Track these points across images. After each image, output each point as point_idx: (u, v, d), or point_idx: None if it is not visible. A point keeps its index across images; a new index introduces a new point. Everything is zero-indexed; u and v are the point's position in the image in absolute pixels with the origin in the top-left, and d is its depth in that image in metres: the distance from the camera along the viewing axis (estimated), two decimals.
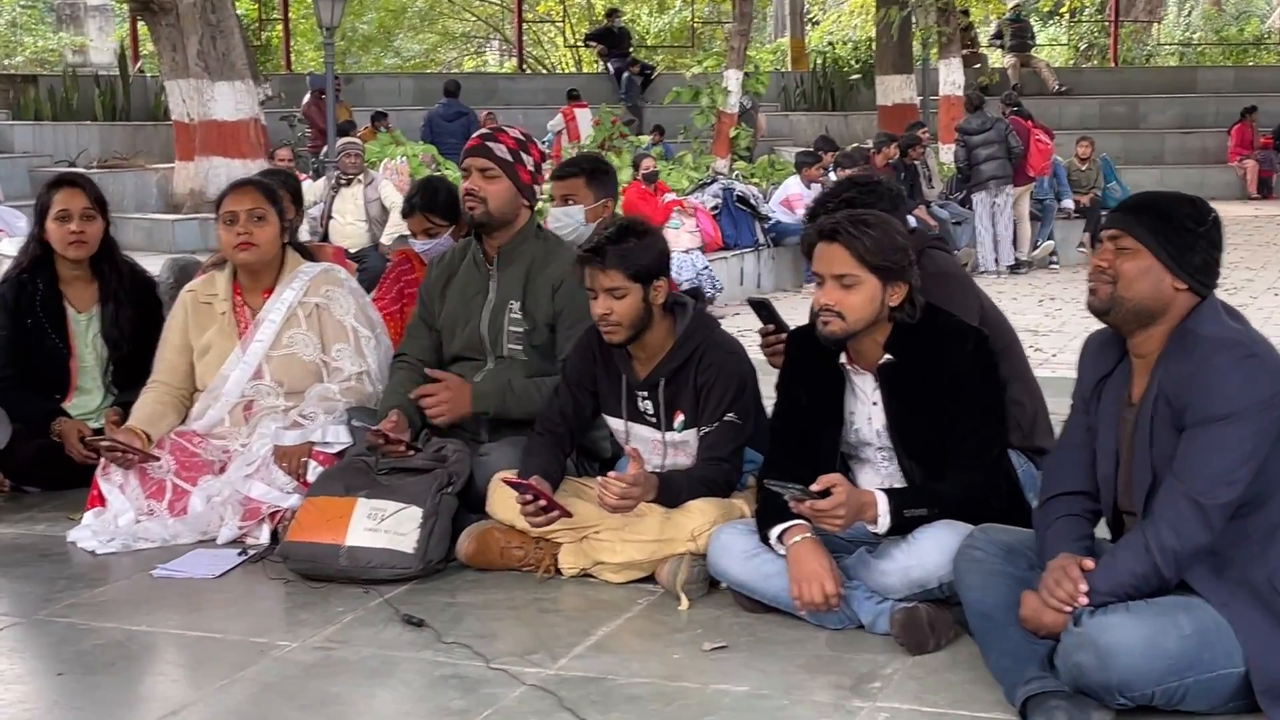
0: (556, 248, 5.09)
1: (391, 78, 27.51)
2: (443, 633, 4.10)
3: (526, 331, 4.98)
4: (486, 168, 4.96)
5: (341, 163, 13.68)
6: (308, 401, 5.14)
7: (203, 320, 5.32)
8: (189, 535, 4.94)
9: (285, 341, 5.24)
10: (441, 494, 4.65)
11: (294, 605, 4.41)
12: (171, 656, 4.12)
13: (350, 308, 5.31)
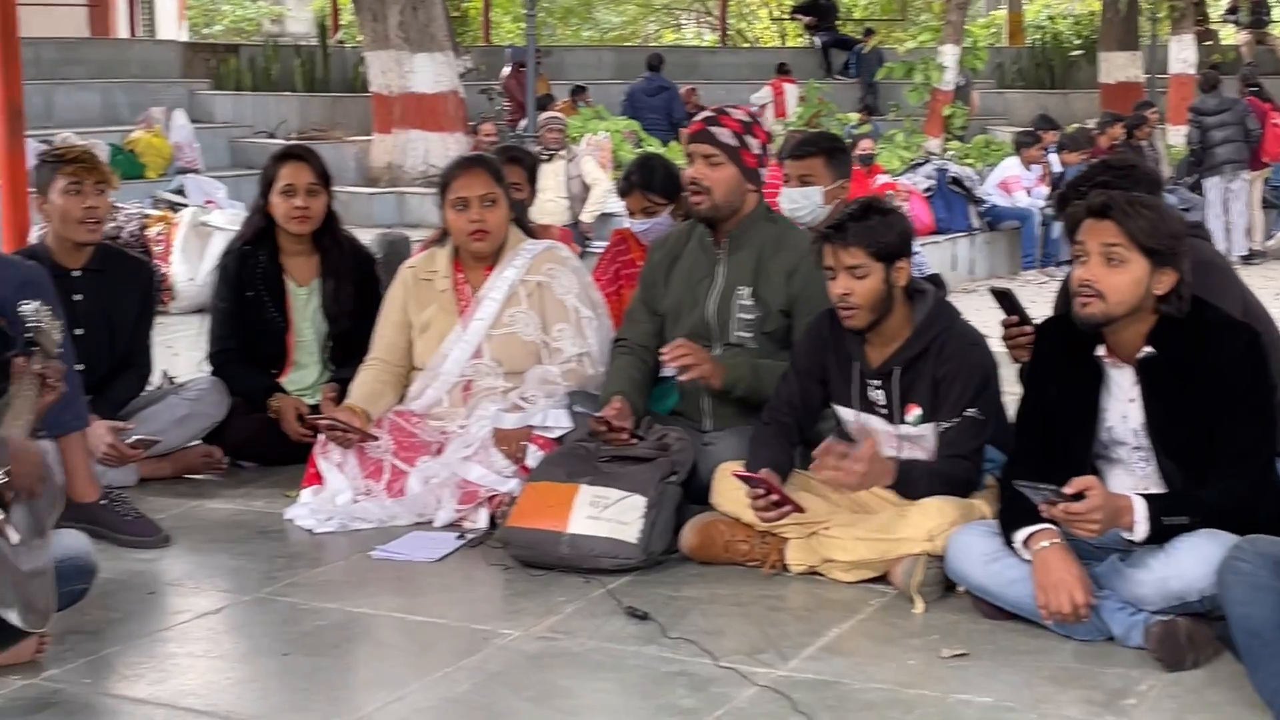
0: (788, 231, 5.06)
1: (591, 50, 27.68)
2: (668, 627, 4.09)
3: (758, 318, 4.96)
4: (710, 154, 4.94)
5: (543, 138, 13.82)
6: (528, 384, 5.19)
7: (423, 297, 5.39)
8: (406, 517, 5.01)
9: (506, 320, 5.28)
10: (665, 483, 4.65)
11: (514, 593, 4.45)
12: (394, 640, 4.18)
13: (573, 287, 5.33)
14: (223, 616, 4.32)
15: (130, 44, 21.44)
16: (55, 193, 5.32)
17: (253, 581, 4.56)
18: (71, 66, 19.11)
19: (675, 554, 4.63)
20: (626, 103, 20.01)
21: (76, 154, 5.42)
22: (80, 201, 5.32)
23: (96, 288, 5.47)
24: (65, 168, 5.32)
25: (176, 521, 5.05)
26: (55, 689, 3.72)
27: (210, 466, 5.64)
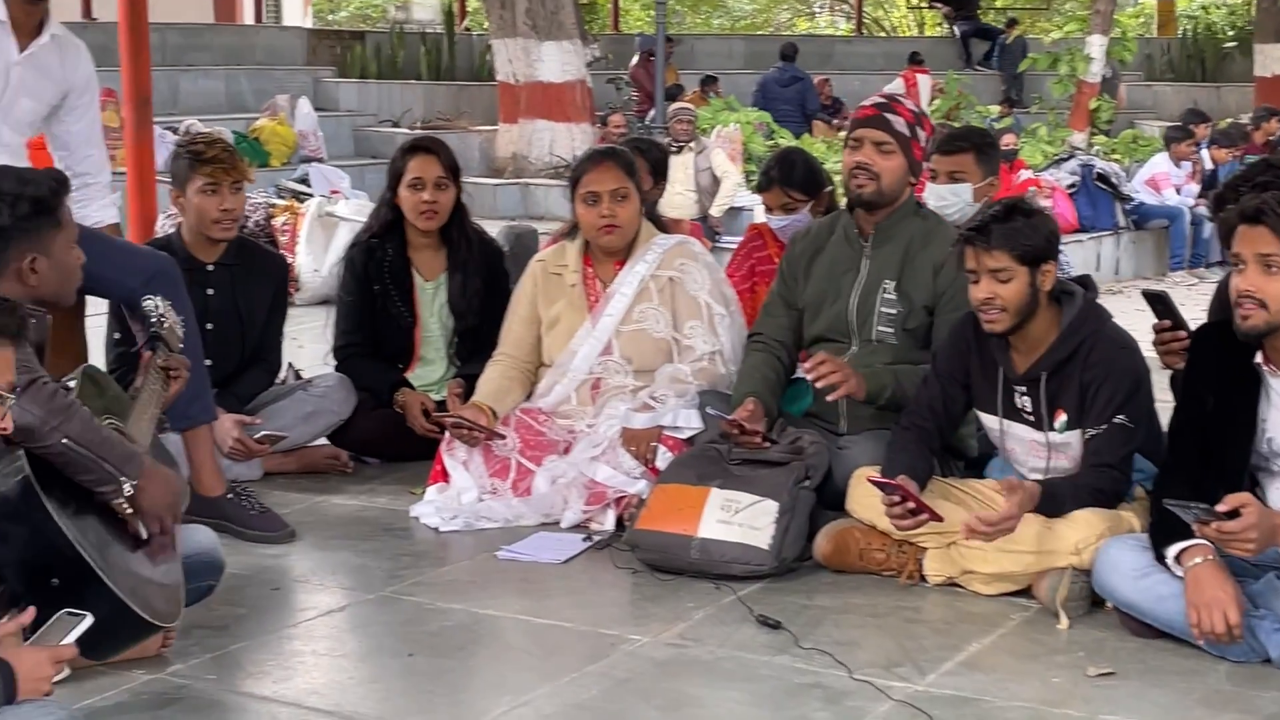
0: (937, 226, 5.03)
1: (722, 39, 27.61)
2: (800, 637, 4.07)
3: (901, 314, 4.93)
4: (883, 141, 4.91)
5: (673, 129, 13.81)
6: (658, 383, 5.19)
7: (552, 292, 5.42)
8: (532, 517, 5.03)
9: (636, 316, 5.29)
10: (799, 488, 4.62)
11: (642, 597, 4.45)
12: (520, 643, 4.19)
13: (705, 283, 5.32)
14: (347, 614, 4.37)
15: (255, 30, 21.75)
16: (192, 190, 5.39)
17: (377, 580, 4.60)
18: (197, 53, 19.40)
19: (808, 561, 4.60)
20: (758, 93, 19.92)
21: (215, 152, 5.46)
22: (217, 202, 5.40)
23: (229, 282, 5.56)
24: (203, 167, 5.37)
25: (301, 517, 5.12)
26: (180, 684, 3.78)
27: (335, 468, 5.70)
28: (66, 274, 3.90)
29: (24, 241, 3.77)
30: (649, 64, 19.50)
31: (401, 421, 5.57)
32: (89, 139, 5.15)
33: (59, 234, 3.84)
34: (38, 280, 3.79)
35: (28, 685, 2.93)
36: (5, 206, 3.74)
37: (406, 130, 17.60)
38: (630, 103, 19.52)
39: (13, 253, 3.76)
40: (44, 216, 3.80)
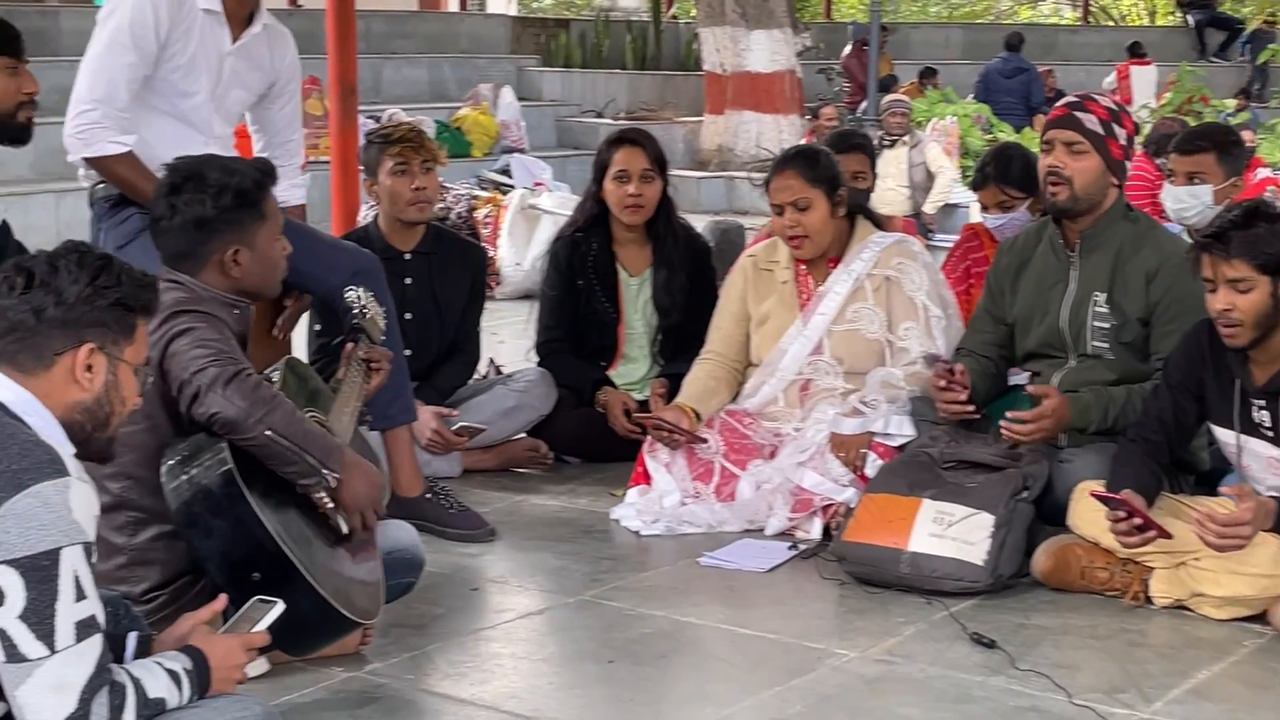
0: (1149, 230, 4.94)
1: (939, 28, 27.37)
2: (1016, 657, 4.01)
3: (1114, 327, 4.84)
4: (1074, 141, 4.81)
5: (886, 122, 13.76)
6: (869, 387, 5.16)
7: (762, 289, 5.42)
8: (735, 523, 5.03)
9: (849, 316, 5.27)
10: (1016, 501, 4.56)
11: (850, 610, 4.43)
12: (722, 653, 4.19)
13: (923, 283, 5.28)
14: (546, 618, 4.42)
15: (460, 18, 22.07)
16: (383, 173, 5.52)
17: (577, 583, 4.64)
18: (400, 41, 19.79)
19: (1025, 578, 4.55)
20: (979, 85, 19.70)
21: (402, 133, 5.60)
22: (408, 182, 5.51)
23: (427, 271, 5.67)
24: (391, 148, 5.50)
25: (500, 516, 5.18)
26: (379, 684, 3.85)
27: (535, 460, 5.77)
28: (270, 266, 3.95)
29: (227, 233, 3.83)
30: (862, 53, 19.41)
31: (603, 421, 5.63)
32: (290, 123, 5.27)
33: (263, 225, 3.90)
34: (240, 272, 3.85)
35: (220, 673, 2.99)
36: (209, 197, 3.81)
37: (610, 121, 17.76)
38: (842, 94, 19.46)
39: (215, 244, 3.82)
40: (248, 208, 3.86)
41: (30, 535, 2.71)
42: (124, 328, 2.96)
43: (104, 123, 4.69)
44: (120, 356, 2.95)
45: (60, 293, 2.89)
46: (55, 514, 2.74)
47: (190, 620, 3.12)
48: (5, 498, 2.71)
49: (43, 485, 2.74)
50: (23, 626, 2.71)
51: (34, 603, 2.72)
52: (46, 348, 2.88)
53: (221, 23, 4.86)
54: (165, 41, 4.75)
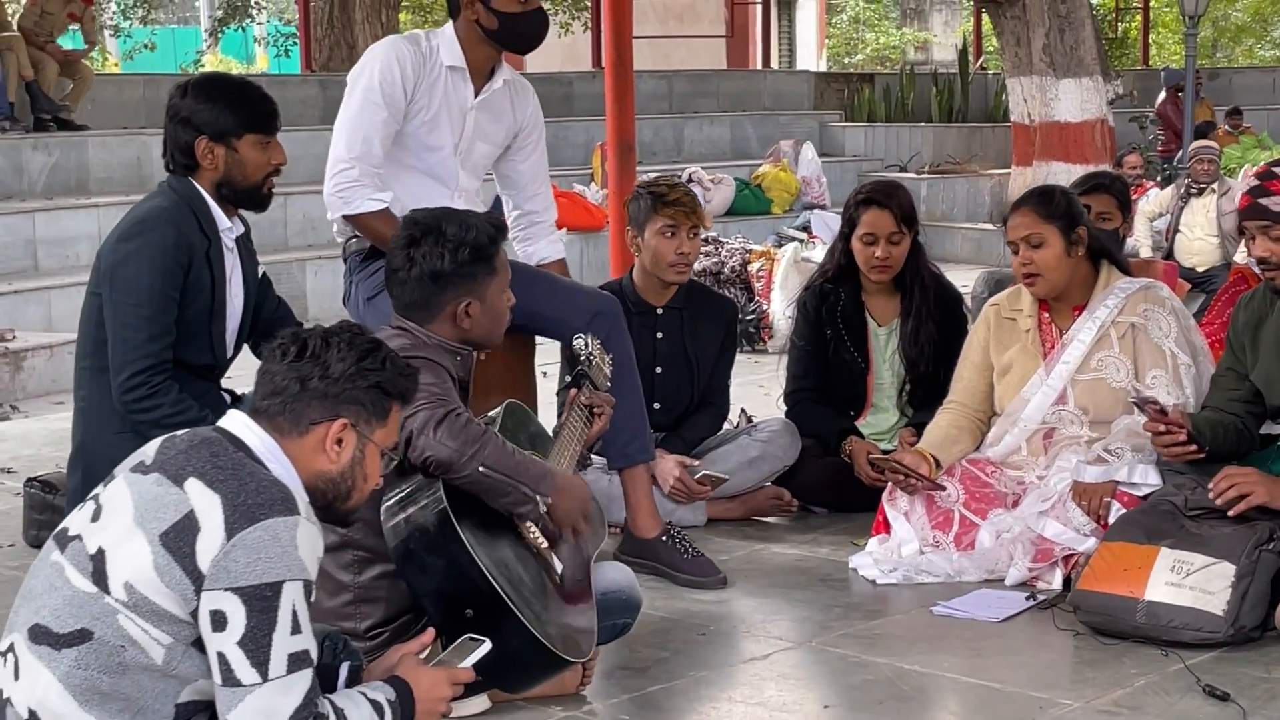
0: None
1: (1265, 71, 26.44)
2: (1250, 711, 3.93)
3: None
4: (1268, 227, 4.67)
5: (1193, 169, 13.45)
6: (1114, 435, 5.09)
7: (1005, 337, 5.40)
8: (974, 572, 5.01)
9: (1094, 365, 5.21)
10: (1260, 550, 4.44)
11: (1082, 661, 4.39)
12: (942, 701, 4.20)
13: (1171, 330, 5.19)
14: (769, 663, 4.43)
15: (763, 75, 22.24)
16: (650, 232, 5.63)
17: (806, 630, 4.69)
18: (704, 99, 20.12)
19: (1272, 631, 4.43)
20: None
21: (678, 195, 5.67)
22: (675, 245, 5.62)
23: (679, 325, 5.79)
24: (665, 209, 5.59)
25: (739, 564, 5.25)
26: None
27: (779, 509, 5.82)
28: (497, 318, 4.10)
29: (462, 286, 4.00)
30: (1177, 100, 19.01)
31: (849, 470, 5.63)
32: (536, 177, 5.44)
33: (494, 280, 4.05)
34: (470, 324, 4.01)
35: (425, 704, 3.12)
36: (447, 252, 3.99)
37: (914, 175, 17.73)
38: (1155, 141, 19.06)
39: (449, 295, 3.99)
40: (482, 263, 4.01)
41: (258, 566, 2.88)
42: (379, 410, 3.13)
43: (362, 180, 4.92)
44: (370, 436, 3.12)
45: (327, 367, 3.08)
46: (283, 549, 2.90)
47: (399, 652, 3.25)
48: (240, 528, 2.88)
49: (274, 520, 2.91)
50: (240, 652, 2.87)
51: (253, 631, 2.87)
52: (305, 415, 3.07)
53: (465, 78, 5.08)
54: (412, 96, 4.97)
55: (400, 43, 5.09)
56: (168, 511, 2.92)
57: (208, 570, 2.88)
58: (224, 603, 2.87)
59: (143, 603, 2.90)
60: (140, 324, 4.53)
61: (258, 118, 4.68)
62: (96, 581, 2.94)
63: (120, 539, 2.94)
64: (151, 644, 2.91)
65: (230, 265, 4.73)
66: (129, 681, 2.91)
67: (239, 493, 2.93)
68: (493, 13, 5.00)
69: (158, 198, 4.71)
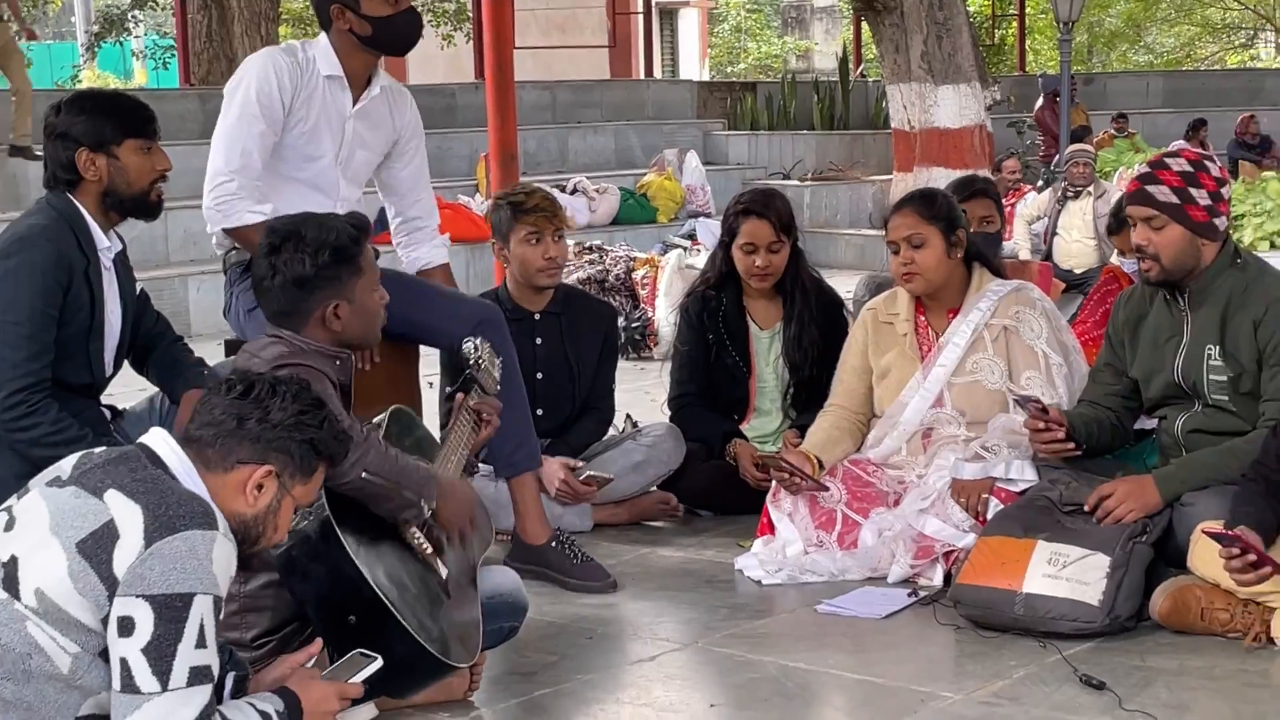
0: (1258, 276, 4.81)
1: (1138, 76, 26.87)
2: (1125, 698, 3.99)
3: (1231, 379, 4.74)
4: (1150, 216, 4.75)
5: (1069, 173, 13.63)
6: (991, 432, 5.15)
7: (883, 341, 5.46)
8: (857, 571, 5.05)
9: (969, 368, 5.29)
10: (1134, 542, 4.54)
11: (962, 654, 4.43)
12: (826, 697, 4.24)
13: (1042, 331, 5.28)
14: (656, 664, 4.44)
15: (646, 85, 22.31)
16: (515, 241, 5.67)
17: (692, 631, 4.70)
18: (587, 109, 20.17)
19: (1146, 621, 4.51)
20: None
21: (536, 201, 5.72)
22: (541, 250, 5.66)
23: (557, 331, 5.82)
24: (525, 217, 5.64)
25: (627, 568, 5.26)
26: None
27: (665, 513, 5.85)
28: (369, 318, 4.10)
29: (327, 288, 3.99)
30: (1054, 105, 19.29)
31: (734, 473, 5.67)
32: (417, 183, 5.41)
33: (360, 279, 4.04)
34: (341, 325, 4.01)
35: (312, 717, 3.12)
36: (307, 256, 3.98)
37: (797, 182, 17.86)
38: (1033, 147, 19.33)
39: (316, 299, 3.98)
40: (345, 264, 4.00)
41: (171, 576, 2.88)
42: (306, 466, 3.15)
43: (241, 193, 4.87)
44: (289, 489, 3.15)
45: (268, 412, 3.10)
46: (198, 562, 2.91)
47: (288, 663, 3.27)
48: (159, 537, 2.89)
49: (194, 532, 2.92)
50: (143, 660, 2.87)
51: (158, 639, 2.87)
52: (234, 453, 3.09)
53: (343, 86, 5.05)
54: (290, 108, 4.95)
55: (276, 54, 5.06)
56: (86, 520, 2.93)
57: (123, 577, 2.89)
58: (134, 609, 2.88)
59: (53, 610, 2.90)
60: (19, 342, 4.45)
61: (134, 123, 4.62)
62: (7, 588, 2.94)
63: (34, 548, 2.94)
64: (59, 652, 2.91)
65: (108, 283, 4.67)
66: (32, 690, 2.91)
67: (160, 504, 2.94)
68: (364, 19, 4.97)
69: (37, 215, 4.63)
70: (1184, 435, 4.87)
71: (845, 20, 29.70)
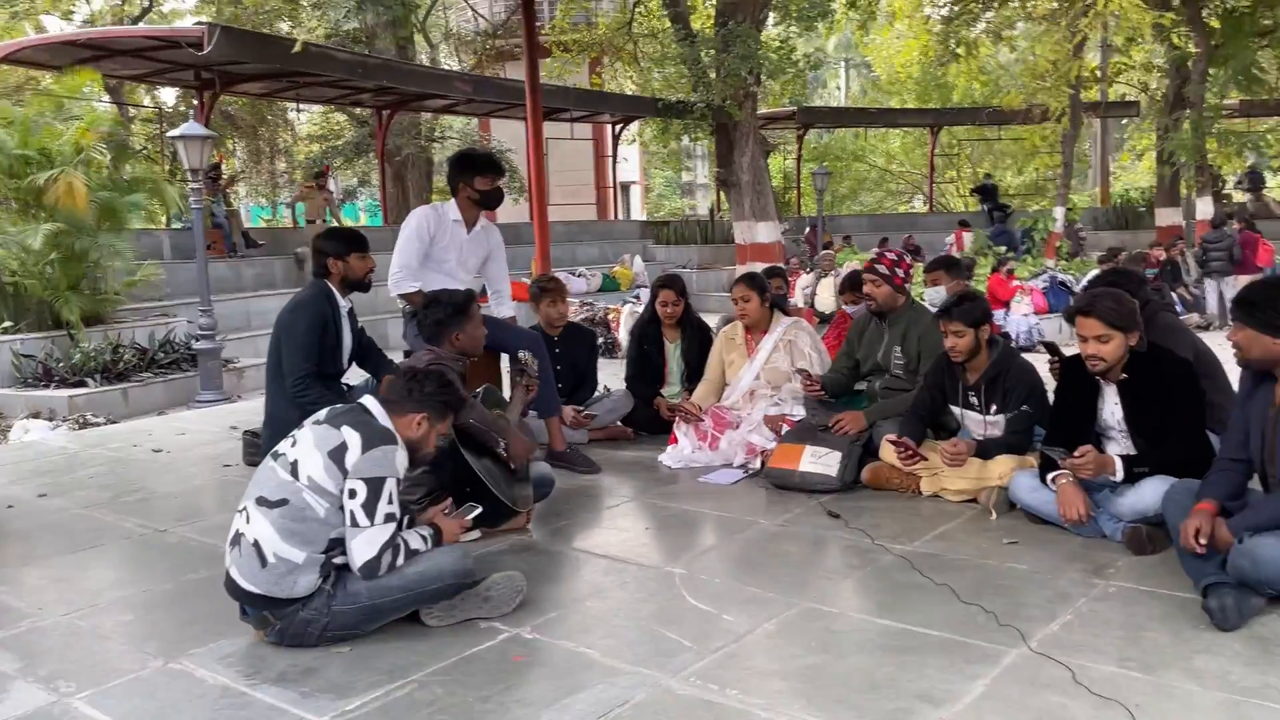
0: (921, 314, 4.83)
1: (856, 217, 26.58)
2: (849, 521, 4.02)
3: (905, 363, 4.75)
4: (873, 279, 4.78)
5: (822, 264, 13.73)
6: (784, 391, 5.13)
7: (729, 348, 5.40)
8: (719, 461, 4.98)
9: (772, 360, 5.25)
10: (853, 445, 4.54)
11: (769, 501, 4.40)
12: (698, 525, 4.10)
13: (807, 342, 5.25)
14: (619, 509, 4.30)
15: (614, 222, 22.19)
16: (542, 304, 5.60)
17: (636, 492, 4.60)
18: (585, 234, 20.01)
19: (859, 484, 4.51)
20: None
21: (552, 285, 5.63)
22: (556, 310, 5.59)
23: (565, 345, 5.69)
24: (545, 294, 5.59)
25: (604, 461, 5.15)
26: (531, 542, 3.90)
27: (623, 435, 5.71)
28: (475, 341, 4.06)
29: (453, 326, 3.99)
30: (814, 231, 19.27)
31: (657, 414, 5.55)
32: (501, 273, 5.26)
33: (469, 321, 4.02)
34: (460, 344, 3.99)
35: (447, 536, 3.13)
36: (443, 309, 3.98)
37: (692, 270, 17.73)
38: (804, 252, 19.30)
39: (446, 331, 3.98)
40: (461, 314, 4.00)
41: (376, 468, 2.87)
42: (441, 415, 3.09)
43: (404, 277, 4.79)
44: (435, 426, 3.08)
45: (424, 387, 3.05)
46: (387, 460, 2.89)
47: (432, 511, 3.25)
48: (367, 449, 2.86)
49: (385, 447, 2.90)
50: (361, 510, 2.87)
51: (368, 500, 2.87)
52: (407, 407, 3.04)
53: (462, 225, 4.96)
54: (434, 237, 4.87)
55: (427, 210, 4.95)
56: (331, 440, 2.92)
57: (349, 469, 2.87)
58: (356, 485, 2.87)
59: (316, 486, 2.90)
60: (300, 352, 4.42)
61: (358, 244, 4.60)
62: (293, 475, 2.92)
63: (307, 454, 2.93)
64: (319, 505, 2.90)
65: (344, 324, 4.63)
66: (307, 526, 2.90)
67: (368, 432, 2.92)
68: (476, 190, 4.91)
69: (310, 289, 4.59)
70: (880, 391, 4.86)
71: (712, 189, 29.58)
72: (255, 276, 13.44)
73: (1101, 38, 19.81)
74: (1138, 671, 2.66)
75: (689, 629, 3.00)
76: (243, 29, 14.23)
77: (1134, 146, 22.39)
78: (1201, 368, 3.85)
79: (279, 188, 23.11)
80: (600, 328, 10.45)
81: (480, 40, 21.45)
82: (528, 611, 3.16)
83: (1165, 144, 16.88)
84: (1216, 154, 17.94)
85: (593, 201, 24.30)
